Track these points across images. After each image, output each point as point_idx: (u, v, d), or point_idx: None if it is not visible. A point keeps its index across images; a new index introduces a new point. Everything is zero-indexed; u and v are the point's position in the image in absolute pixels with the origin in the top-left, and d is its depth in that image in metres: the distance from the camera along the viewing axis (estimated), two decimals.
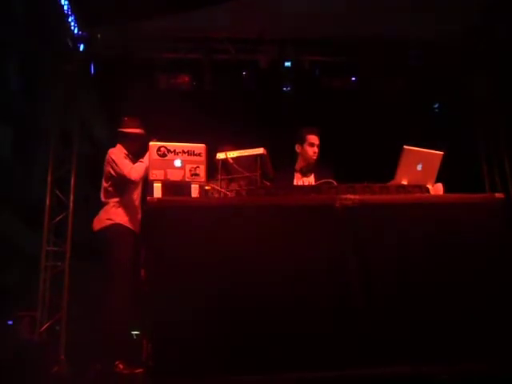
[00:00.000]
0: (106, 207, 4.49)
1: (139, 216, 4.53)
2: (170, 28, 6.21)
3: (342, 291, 2.97)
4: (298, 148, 4.54)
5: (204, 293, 2.89)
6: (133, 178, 4.39)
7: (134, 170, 4.40)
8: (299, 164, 4.54)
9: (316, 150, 4.48)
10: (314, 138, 4.49)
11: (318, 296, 2.96)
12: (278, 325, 2.89)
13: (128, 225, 4.44)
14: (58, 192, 5.79)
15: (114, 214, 4.44)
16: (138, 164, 4.44)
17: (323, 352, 2.88)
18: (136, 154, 4.56)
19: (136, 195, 4.57)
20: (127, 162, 4.49)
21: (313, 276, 2.98)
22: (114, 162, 4.46)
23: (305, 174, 4.51)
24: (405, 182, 3.57)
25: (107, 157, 4.53)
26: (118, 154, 4.51)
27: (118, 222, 4.42)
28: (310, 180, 4.48)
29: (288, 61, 6.51)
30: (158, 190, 3.22)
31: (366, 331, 2.92)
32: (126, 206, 4.48)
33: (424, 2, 5.75)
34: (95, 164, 5.12)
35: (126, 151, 4.57)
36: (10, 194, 8.94)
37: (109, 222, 4.42)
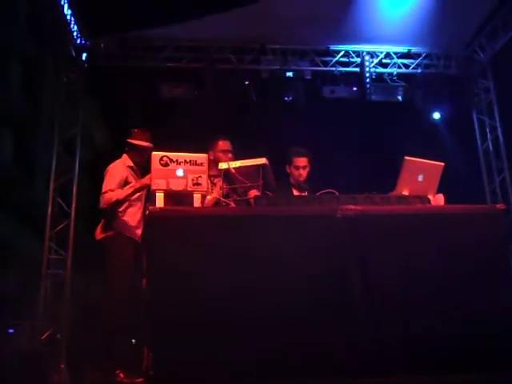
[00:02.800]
0: (108, 216, 4.48)
1: (141, 226, 4.49)
2: (172, 38, 6.26)
3: (343, 300, 2.97)
4: (288, 168, 4.59)
5: (205, 302, 2.89)
6: (100, 204, 4.29)
7: (105, 197, 4.26)
8: (292, 181, 4.58)
9: (301, 172, 4.50)
10: (299, 161, 4.51)
11: (318, 305, 2.96)
12: (278, 332, 2.89)
13: (130, 234, 4.43)
14: (59, 200, 5.80)
15: (116, 223, 4.44)
16: (118, 191, 4.28)
17: (323, 359, 2.88)
18: (142, 166, 4.52)
19: (139, 205, 4.54)
20: (113, 183, 4.34)
21: (314, 285, 2.98)
22: (105, 176, 4.43)
23: (302, 190, 4.53)
24: (406, 193, 3.57)
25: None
26: (114, 170, 4.45)
27: (120, 231, 4.42)
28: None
29: (289, 70, 6.55)
30: (160, 200, 3.22)
31: (367, 340, 2.92)
32: (129, 215, 4.47)
33: (424, 10, 5.80)
34: (97, 172, 5.12)
35: (131, 163, 4.54)
36: (11, 201, 8.94)
37: (111, 232, 4.42)
